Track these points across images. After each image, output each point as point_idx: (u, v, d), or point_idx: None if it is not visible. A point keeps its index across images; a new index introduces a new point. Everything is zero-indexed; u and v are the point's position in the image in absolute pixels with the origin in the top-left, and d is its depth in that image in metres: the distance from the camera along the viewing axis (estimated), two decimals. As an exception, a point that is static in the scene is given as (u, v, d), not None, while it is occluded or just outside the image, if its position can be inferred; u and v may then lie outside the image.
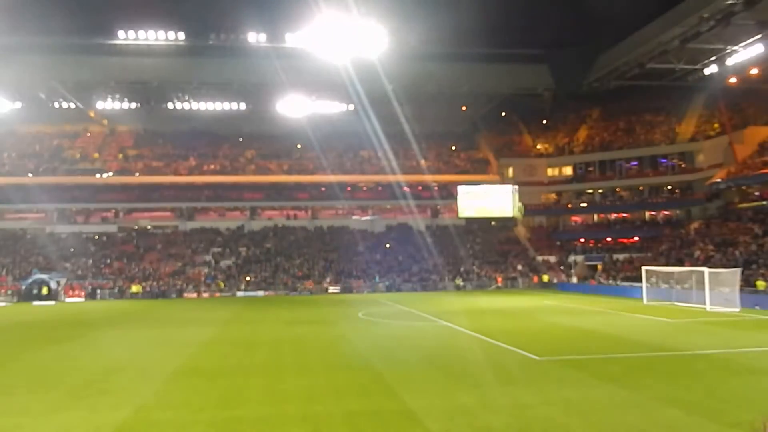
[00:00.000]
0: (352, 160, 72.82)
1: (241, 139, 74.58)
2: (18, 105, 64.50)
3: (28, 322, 33.45)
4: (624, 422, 10.94)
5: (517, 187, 67.49)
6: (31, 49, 53.84)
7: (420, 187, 69.67)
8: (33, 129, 71.74)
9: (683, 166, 63.01)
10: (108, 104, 66.43)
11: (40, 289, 50.14)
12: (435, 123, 72.32)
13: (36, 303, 47.67)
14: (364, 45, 46.00)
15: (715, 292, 33.57)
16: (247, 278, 57.52)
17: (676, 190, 64.34)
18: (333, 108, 68.59)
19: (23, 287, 51.00)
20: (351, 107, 68.51)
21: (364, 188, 71.05)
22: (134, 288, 53.87)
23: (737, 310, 32.03)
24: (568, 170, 70.23)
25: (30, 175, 66.01)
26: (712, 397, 12.81)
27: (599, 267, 58.84)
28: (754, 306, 33.22)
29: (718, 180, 54.23)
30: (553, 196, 71.19)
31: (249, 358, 18.92)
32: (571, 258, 62.87)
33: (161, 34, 53.40)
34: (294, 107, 63.80)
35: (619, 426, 10.76)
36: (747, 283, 36.28)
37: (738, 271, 34.17)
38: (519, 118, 76.86)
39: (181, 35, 53.84)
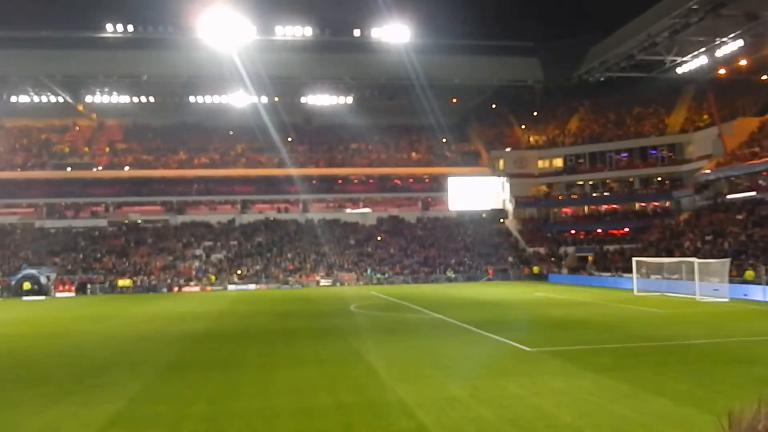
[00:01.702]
0: (343, 153, 72.70)
1: (231, 133, 74.24)
2: (6, 99, 63.99)
3: (19, 317, 33.28)
4: (614, 412, 11.01)
5: (507, 178, 67.73)
6: (18, 43, 53.43)
7: (411, 180, 69.75)
8: (21, 123, 71.23)
9: (673, 157, 63.25)
10: (97, 98, 66.07)
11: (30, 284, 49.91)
12: (426, 115, 72.29)
13: (26, 298, 47.43)
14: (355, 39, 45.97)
15: (705, 283, 33.84)
16: (239, 272, 57.44)
17: (666, 182, 64.58)
18: (323, 101, 68.54)
19: (13, 282, 50.69)
20: (342, 100, 68.54)
21: (355, 181, 70.97)
22: (121, 282, 53.68)
23: (726, 300, 32.28)
24: (558, 162, 70.39)
25: (19, 169, 65.58)
26: (702, 386, 12.90)
27: (590, 258, 59.10)
28: (743, 296, 33.47)
29: (708, 171, 54.48)
30: (544, 187, 71.33)
31: (241, 352, 18.92)
32: (562, 249, 63.11)
33: (150, 27, 53.11)
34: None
35: (609, 416, 10.83)
36: (736, 273, 36.55)
37: (727, 261, 34.39)
38: (510, 111, 76.95)
39: (170, 28, 53.57)
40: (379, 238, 65.06)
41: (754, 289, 34.22)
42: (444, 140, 75.85)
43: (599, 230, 64.62)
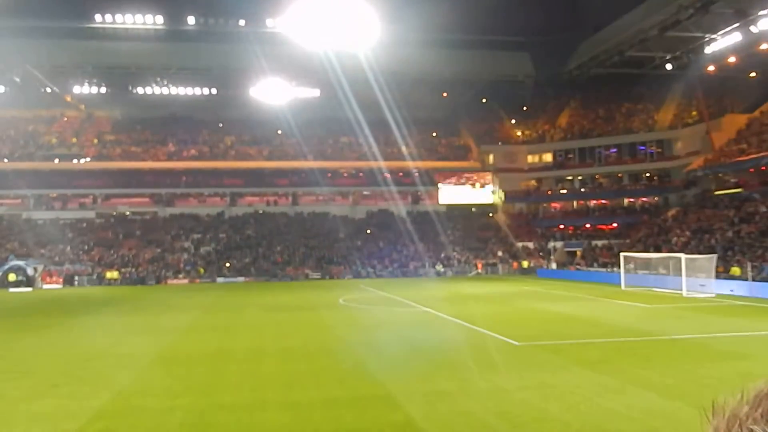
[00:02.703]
0: (333, 146, 72.55)
1: (220, 125, 73.89)
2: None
3: (5, 308, 33.05)
4: (601, 406, 11.06)
5: (497, 173, 67.92)
6: (5, 32, 52.80)
7: (401, 174, 69.63)
8: (7, 113, 70.41)
9: (661, 153, 63.59)
10: (85, 89, 65.56)
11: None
12: (416, 109, 72.05)
13: (12, 290, 47.08)
14: (345, 30, 45.76)
15: (692, 278, 34.01)
16: (228, 264, 57.26)
17: (654, 178, 64.92)
18: (314, 93, 68.25)
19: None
20: (332, 93, 68.21)
21: (345, 174, 70.82)
22: (109, 274, 53.41)
23: (713, 295, 32.48)
24: (548, 157, 70.54)
25: (5, 160, 64.98)
26: (688, 381, 12.99)
27: (578, 253, 59.34)
28: (729, 291, 33.71)
29: (696, 167, 54.79)
30: (533, 182, 71.51)
31: (229, 345, 18.85)
32: (551, 244, 63.30)
33: (139, 18, 52.68)
34: (274, 93, 63.34)
35: (596, 410, 10.88)
36: (723, 269, 36.80)
37: (714, 257, 34.60)
38: (500, 105, 76.94)
39: (159, 19, 53.17)
40: (368, 232, 65.02)
41: (740, 285, 34.46)
42: (434, 134, 75.82)
43: (588, 225, 64.88)
